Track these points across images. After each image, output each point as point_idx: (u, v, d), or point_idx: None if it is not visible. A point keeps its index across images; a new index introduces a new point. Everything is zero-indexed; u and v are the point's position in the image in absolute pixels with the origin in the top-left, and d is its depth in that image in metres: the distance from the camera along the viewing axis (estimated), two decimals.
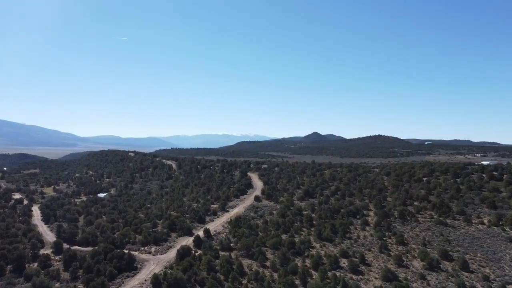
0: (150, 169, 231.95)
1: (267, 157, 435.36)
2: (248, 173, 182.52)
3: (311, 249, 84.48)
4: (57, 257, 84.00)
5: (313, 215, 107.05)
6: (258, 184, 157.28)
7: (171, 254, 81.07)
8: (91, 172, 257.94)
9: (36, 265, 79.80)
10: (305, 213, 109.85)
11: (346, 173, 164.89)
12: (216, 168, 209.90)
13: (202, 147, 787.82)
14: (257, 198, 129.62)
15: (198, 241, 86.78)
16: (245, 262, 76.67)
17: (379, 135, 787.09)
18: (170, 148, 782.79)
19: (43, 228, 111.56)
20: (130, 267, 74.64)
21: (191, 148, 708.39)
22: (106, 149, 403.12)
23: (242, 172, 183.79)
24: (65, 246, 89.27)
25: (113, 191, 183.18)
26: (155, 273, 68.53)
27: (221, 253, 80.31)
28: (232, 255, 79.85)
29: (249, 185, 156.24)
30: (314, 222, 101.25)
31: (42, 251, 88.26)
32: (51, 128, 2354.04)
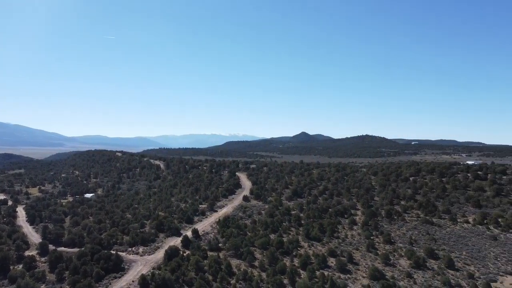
0: (138, 169, 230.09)
1: (256, 157, 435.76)
2: (237, 173, 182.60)
3: (299, 248, 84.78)
4: (42, 259, 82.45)
5: (301, 215, 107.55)
6: (247, 184, 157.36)
7: (159, 254, 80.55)
8: (77, 172, 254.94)
9: (21, 266, 78.20)
10: (293, 212, 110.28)
11: (334, 173, 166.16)
12: (205, 168, 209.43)
13: (191, 147, 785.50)
14: (245, 198, 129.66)
15: (186, 241, 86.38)
16: (234, 262, 76.61)
17: (366, 135, 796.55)
18: (158, 148, 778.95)
19: (28, 229, 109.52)
20: (118, 268, 73.85)
21: (179, 148, 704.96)
22: (93, 149, 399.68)
23: (230, 172, 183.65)
24: (51, 247, 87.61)
25: (100, 191, 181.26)
26: (142, 274, 67.96)
27: (209, 253, 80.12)
28: (221, 255, 79.75)
29: (238, 185, 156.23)
30: (302, 222, 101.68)
31: (27, 253, 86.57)
32: (37, 127, 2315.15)
